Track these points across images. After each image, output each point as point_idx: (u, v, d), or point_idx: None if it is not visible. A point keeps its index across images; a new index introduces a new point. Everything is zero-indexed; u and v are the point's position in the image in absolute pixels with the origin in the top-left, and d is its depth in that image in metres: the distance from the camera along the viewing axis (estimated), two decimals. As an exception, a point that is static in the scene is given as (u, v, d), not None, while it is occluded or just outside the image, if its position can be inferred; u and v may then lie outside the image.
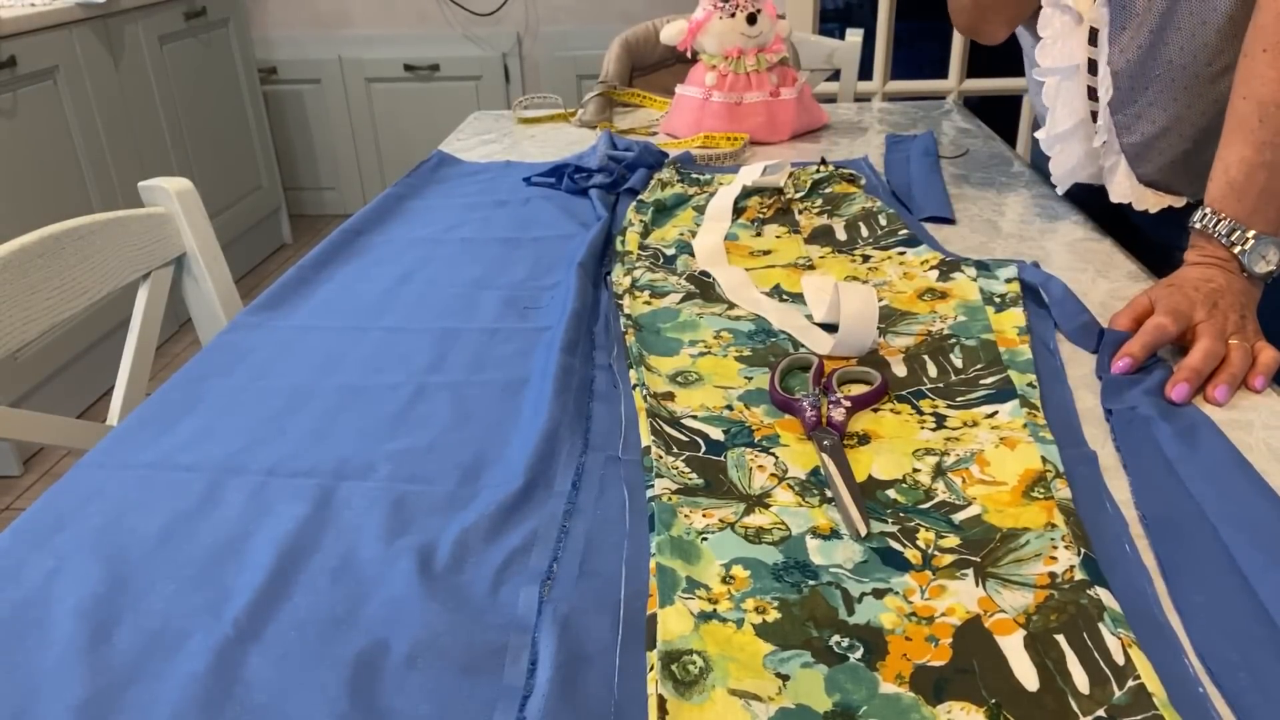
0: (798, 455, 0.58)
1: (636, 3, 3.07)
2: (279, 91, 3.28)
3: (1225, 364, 0.64)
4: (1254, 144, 0.69)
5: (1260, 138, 0.68)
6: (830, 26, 2.55)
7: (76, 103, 2.20)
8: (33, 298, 0.82)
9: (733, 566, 0.49)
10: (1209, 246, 0.71)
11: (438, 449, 0.61)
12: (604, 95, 1.47)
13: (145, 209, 0.94)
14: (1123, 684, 0.40)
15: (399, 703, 0.42)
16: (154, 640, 0.46)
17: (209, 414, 0.66)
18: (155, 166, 2.50)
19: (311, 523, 0.54)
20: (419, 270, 0.90)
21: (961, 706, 0.40)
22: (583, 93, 1.73)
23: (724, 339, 0.73)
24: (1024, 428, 0.59)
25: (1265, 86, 0.68)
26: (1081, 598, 0.45)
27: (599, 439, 0.62)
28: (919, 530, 0.51)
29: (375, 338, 0.77)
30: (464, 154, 1.32)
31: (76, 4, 2.19)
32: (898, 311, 0.76)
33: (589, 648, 0.44)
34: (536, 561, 0.50)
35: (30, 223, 2.00)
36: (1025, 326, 0.71)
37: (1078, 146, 0.91)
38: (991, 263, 0.82)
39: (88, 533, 0.54)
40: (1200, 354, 0.63)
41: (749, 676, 0.42)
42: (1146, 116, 0.84)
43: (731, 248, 0.92)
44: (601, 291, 0.84)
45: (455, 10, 3.14)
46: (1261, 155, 0.68)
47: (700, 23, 1.28)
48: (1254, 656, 0.42)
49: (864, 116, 1.43)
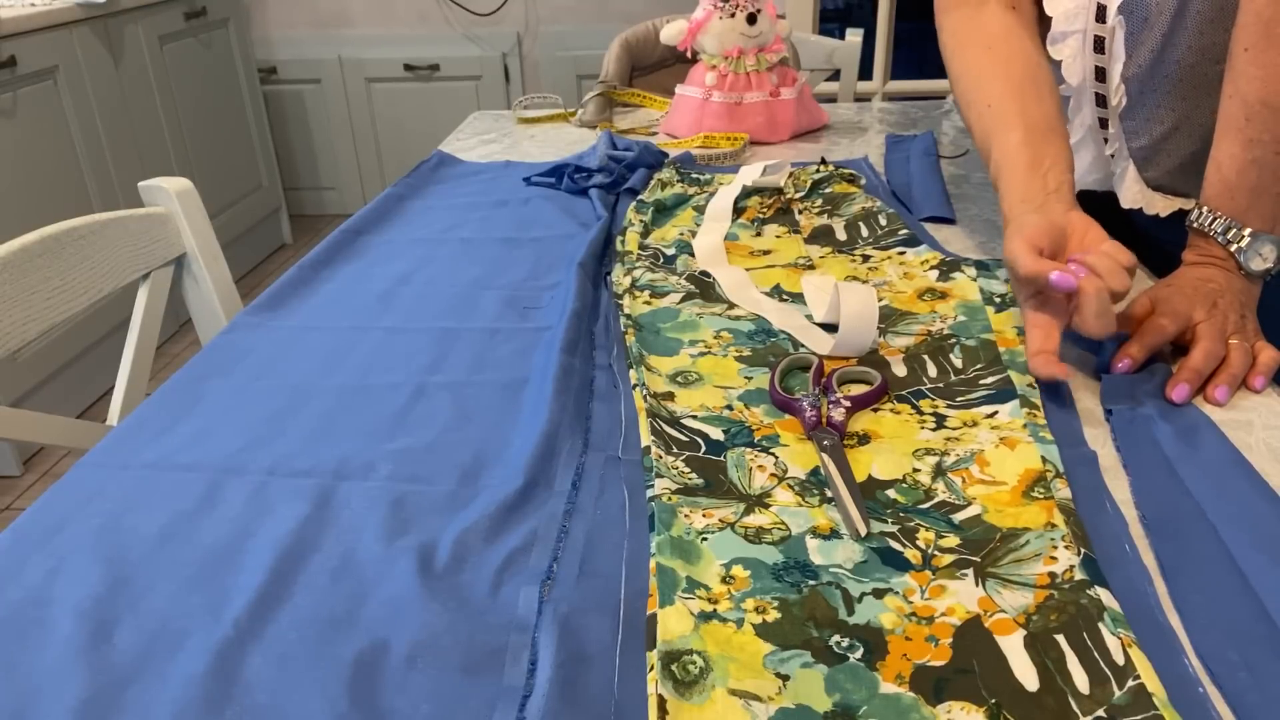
0: (798, 455, 0.58)
1: (636, 3, 3.07)
2: (279, 91, 3.28)
3: (1225, 364, 0.64)
4: (1242, 141, 0.69)
5: (1248, 135, 0.69)
6: (830, 26, 2.55)
7: (76, 103, 2.20)
8: (33, 298, 0.82)
9: (733, 566, 0.49)
10: (1206, 245, 0.71)
11: (438, 449, 0.61)
12: (604, 95, 1.47)
13: (145, 209, 0.94)
14: (1123, 684, 0.40)
15: (399, 703, 0.42)
16: (154, 640, 0.46)
17: (209, 414, 0.66)
18: (155, 166, 2.50)
19: (311, 523, 0.54)
20: (419, 270, 0.90)
21: (961, 706, 0.40)
22: (583, 93, 1.73)
23: (724, 339, 0.73)
24: (1024, 428, 0.59)
25: (1249, 84, 0.69)
26: (1081, 598, 0.45)
27: (599, 439, 0.62)
28: (919, 530, 0.51)
29: (375, 338, 0.77)
30: (464, 154, 1.32)
31: (76, 4, 2.19)
32: (898, 311, 0.76)
33: (589, 648, 0.44)
34: (536, 561, 0.50)
35: (30, 223, 2.00)
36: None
37: (1086, 154, 0.92)
38: (991, 263, 0.82)
39: (88, 533, 0.54)
40: (1200, 354, 0.64)
41: (749, 676, 0.42)
42: (1155, 119, 0.84)
43: (731, 248, 0.92)
44: (601, 291, 0.84)
45: (455, 10, 3.14)
46: (1250, 152, 0.69)
47: (700, 23, 1.28)
48: (1254, 656, 0.42)
49: (864, 116, 1.43)
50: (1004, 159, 0.76)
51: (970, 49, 0.86)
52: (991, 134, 0.79)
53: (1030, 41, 0.84)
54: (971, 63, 0.85)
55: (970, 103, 0.84)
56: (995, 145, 0.78)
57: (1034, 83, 0.80)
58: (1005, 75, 0.81)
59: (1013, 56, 0.82)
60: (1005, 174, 0.76)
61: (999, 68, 0.82)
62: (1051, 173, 0.73)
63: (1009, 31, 0.84)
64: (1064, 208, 0.71)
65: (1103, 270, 0.63)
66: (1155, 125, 0.85)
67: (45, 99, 2.11)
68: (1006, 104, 0.79)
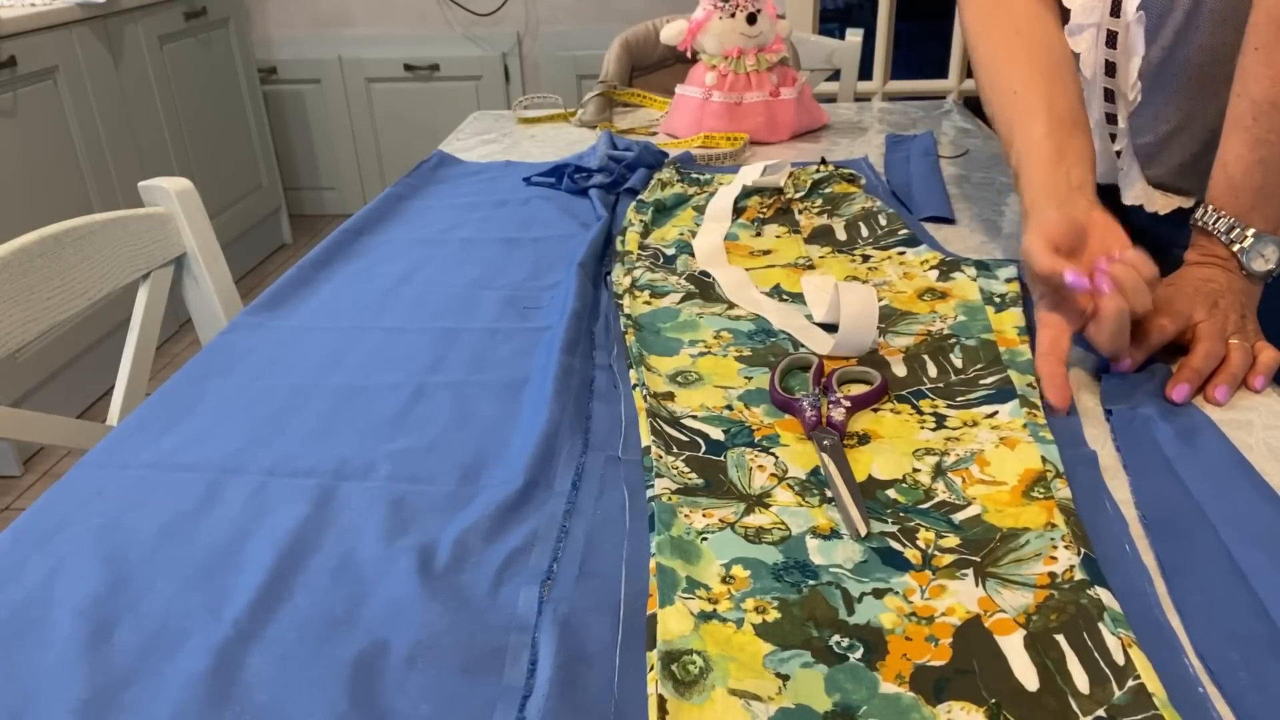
0: (798, 455, 0.58)
1: (636, 3, 3.06)
2: (279, 91, 3.28)
3: (1225, 364, 0.64)
4: (1249, 141, 0.69)
5: (1255, 135, 0.69)
6: (830, 26, 2.55)
7: (76, 103, 2.20)
8: (33, 298, 0.82)
9: (733, 566, 0.49)
10: (1209, 244, 0.71)
11: (438, 449, 0.61)
12: (604, 95, 1.47)
13: (145, 209, 0.94)
14: (1123, 684, 0.40)
15: (399, 703, 0.42)
16: (154, 640, 0.46)
17: (209, 414, 0.66)
18: (155, 166, 2.50)
19: (311, 523, 0.54)
20: (419, 270, 0.90)
21: (961, 706, 0.40)
22: (583, 93, 1.73)
23: (724, 339, 0.73)
24: (1024, 428, 0.59)
25: (1257, 84, 0.69)
26: (1081, 598, 0.45)
27: (599, 439, 0.62)
28: (919, 530, 0.51)
29: (375, 338, 0.77)
30: (464, 154, 1.32)
31: (76, 4, 2.19)
32: (898, 311, 0.76)
33: (589, 648, 0.44)
34: (536, 561, 0.50)
35: (30, 223, 2.00)
36: (1025, 326, 0.71)
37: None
38: (991, 263, 0.82)
39: (88, 533, 0.54)
40: (1200, 354, 0.64)
41: (749, 676, 0.42)
42: (1161, 117, 0.84)
43: (731, 248, 0.92)
44: (601, 291, 0.84)
45: (455, 10, 3.14)
46: (1256, 152, 0.68)
47: (700, 22, 1.28)
48: (1254, 656, 0.42)
49: (864, 116, 1.43)
50: (1026, 150, 0.76)
51: (997, 32, 0.85)
52: (1015, 123, 0.78)
53: (1056, 29, 0.84)
54: (999, 46, 0.84)
55: (994, 86, 0.83)
56: (1018, 135, 0.77)
57: (1059, 71, 0.79)
58: (1030, 60, 0.81)
59: (1040, 42, 0.82)
60: (1027, 166, 0.75)
61: (1026, 52, 0.81)
62: (1075, 168, 0.73)
63: (1038, 17, 0.84)
64: (1086, 205, 0.70)
65: (1127, 287, 0.62)
66: (1161, 123, 0.85)
67: (45, 99, 2.11)
68: (1032, 91, 0.78)
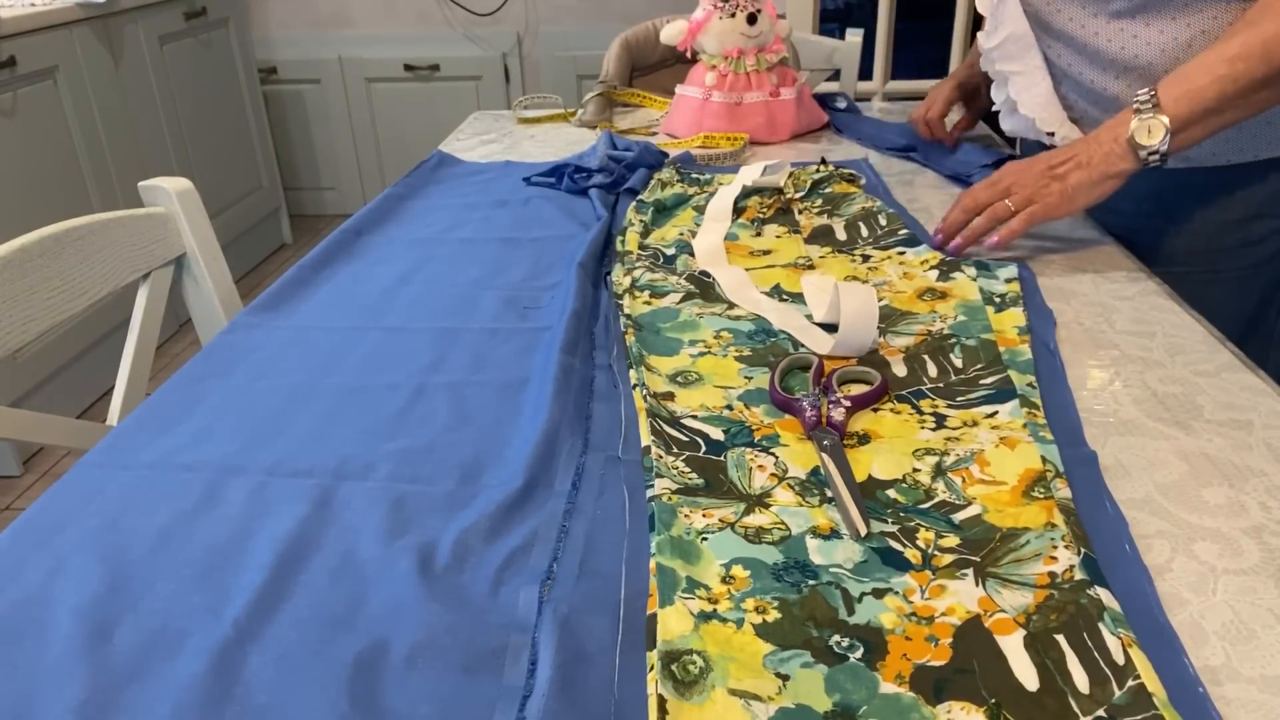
0: (798, 455, 0.58)
1: (636, 3, 3.06)
2: (279, 91, 3.28)
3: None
4: (1225, 60, 0.73)
5: (1234, 62, 0.73)
6: (830, 26, 2.55)
7: (76, 103, 2.20)
8: (33, 298, 0.82)
9: (733, 566, 0.49)
10: (1113, 120, 0.77)
11: (438, 449, 0.61)
12: (604, 95, 1.47)
13: (145, 209, 0.94)
14: (1123, 684, 0.40)
15: (399, 703, 0.42)
16: (154, 640, 0.46)
17: (209, 414, 0.66)
18: (155, 166, 2.50)
19: (311, 523, 0.54)
20: (419, 270, 0.90)
21: (961, 706, 0.40)
22: (583, 93, 1.73)
23: (724, 339, 0.73)
24: (1024, 428, 0.59)
25: (1273, 23, 0.72)
26: (1081, 597, 0.45)
27: (599, 439, 0.62)
28: (919, 530, 0.51)
29: (375, 338, 0.77)
30: (464, 154, 1.32)
31: (76, 4, 2.19)
32: (898, 311, 0.76)
33: (589, 648, 0.44)
34: (536, 561, 0.50)
35: (30, 223, 2.00)
36: (1025, 326, 0.71)
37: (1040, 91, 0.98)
38: (991, 263, 0.82)
39: (88, 533, 0.54)
40: (957, 209, 0.83)
41: (749, 676, 0.42)
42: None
43: (731, 248, 0.92)
44: (601, 291, 0.84)
45: (455, 10, 3.14)
46: (1231, 69, 0.73)
47: (700, 23, 1.28)
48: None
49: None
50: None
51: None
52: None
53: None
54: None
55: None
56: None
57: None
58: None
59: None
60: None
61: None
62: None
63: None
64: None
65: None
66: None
67: (45, 99, 2.11)
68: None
